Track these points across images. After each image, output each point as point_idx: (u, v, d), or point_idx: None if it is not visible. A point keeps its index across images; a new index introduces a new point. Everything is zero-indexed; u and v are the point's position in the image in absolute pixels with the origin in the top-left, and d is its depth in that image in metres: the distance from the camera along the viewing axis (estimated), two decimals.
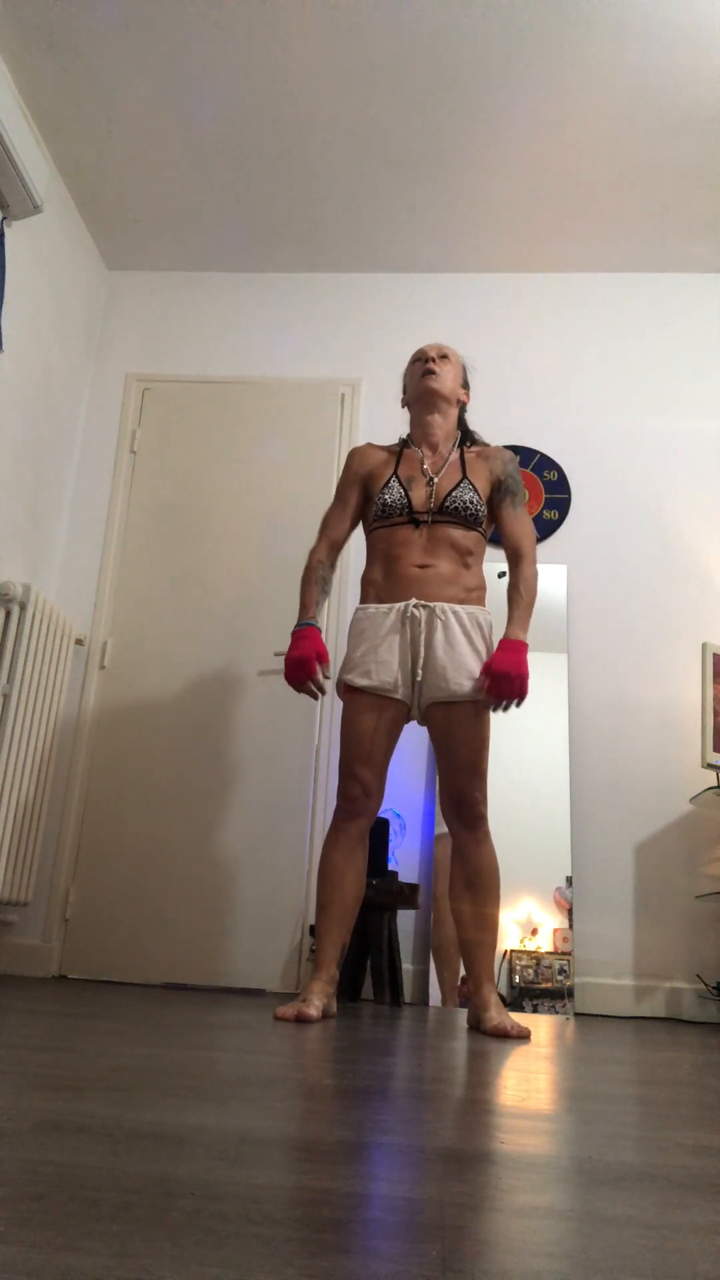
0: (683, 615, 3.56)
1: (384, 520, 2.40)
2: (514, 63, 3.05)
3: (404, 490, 2.38)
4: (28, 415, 3.47)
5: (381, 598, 2.36)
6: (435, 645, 2.26)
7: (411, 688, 2.28)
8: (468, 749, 2.24)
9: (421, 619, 2.27)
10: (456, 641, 2.26)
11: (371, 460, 2.53)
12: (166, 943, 3.23)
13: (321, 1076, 1.24)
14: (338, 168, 3.54)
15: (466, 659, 2.25)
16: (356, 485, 2.52)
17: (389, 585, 2.35)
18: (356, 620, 2.37)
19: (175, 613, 3.61)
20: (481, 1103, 1.12)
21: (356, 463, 2.54)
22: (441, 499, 2.36)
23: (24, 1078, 1.06)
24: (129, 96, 3.28)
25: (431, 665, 2.26)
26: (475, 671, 2.25)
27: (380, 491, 2.41)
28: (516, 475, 2.49)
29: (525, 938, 3.18)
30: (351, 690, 2.30)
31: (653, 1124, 1.05)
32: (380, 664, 2.27)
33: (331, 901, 2.22)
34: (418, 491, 2.39)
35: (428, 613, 2.28)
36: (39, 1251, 0.49)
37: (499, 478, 2.46)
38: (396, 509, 2.37)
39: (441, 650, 2.25)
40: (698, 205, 3.60)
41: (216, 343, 4.03)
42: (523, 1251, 0.55)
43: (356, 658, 2.31)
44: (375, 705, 2.27)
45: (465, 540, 2.36)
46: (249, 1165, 0.71)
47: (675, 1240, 0.59)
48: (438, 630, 2.27)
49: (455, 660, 2.25)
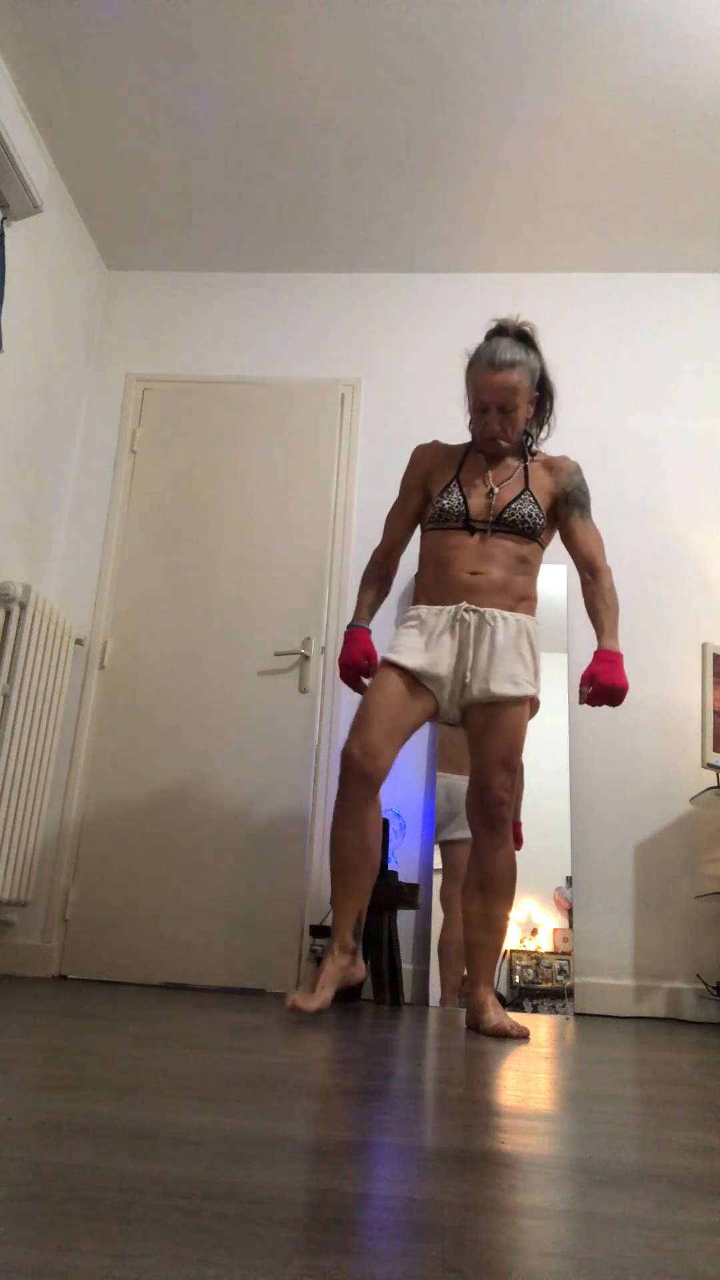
0: (683, 615, 3.56)
1: (439, 523, 2.37)
2: (514, 62, 3.05)
3: (463, 497, 2.35)
4: (28, 415, 3.47)
5: (434, 600, 2.34)
6: (482, 650, 2.27)
7: (449, 689, 2.28)
8: (502, 745, 2.24)
9: (471, 623, 2.27)
10: (504, 647, 2.26)
11: (434, 460, 2.48)
12: (166, 943, 3.23)
13: (322, 1076, 1.24)
14: (338, 168, 3.54)
15: (511, 664, 2.26)
16: (418, 485, 2.49)
17: (440, 589, 2.34)
18: (409, 618, 2.36)
19: (175, 613, 3.61)
20: (481, 1103, 1.12)
21: (419, 461, 2.50)
22: (500, 510, 2.33)
23: (24, 1078, 1.06)
24: (129, 96, 3.28)
25: (477, 669, 2.26)
26: (518, 675, 2.26)
27: (440, 495, 2.38)
28: (584, 486, 2.44)
29: (525, 938, 3.18)
30: (389, 666, 2.26)
31: (653, 1124, 1.05)
32: (431, 656, 2.26)
33: (339, 870, 2.19)
34: (477, 500, 2.35)
35: (478, 618, 2.28)
36: (39, 1251, 0.49)
37: (565, 489, 2.42)
38: (454, 515, 2.34)
39: (487, 654, 2.26)
40: (698, 205, 3.60)
41: (216, 343, 4.03)
42: (523, 1251, 0.55)
43: (405, 643, 2.29)
44: (408, 684, 2.25)
45: (521, 550, 2.34)
46: (249, 1165, 0.71)
47: (675, 1240, 0.59)
48: (486, 635, 2.27)
49: (500, 664, 2.25)
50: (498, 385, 2.30)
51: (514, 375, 2.30)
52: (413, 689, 2.25)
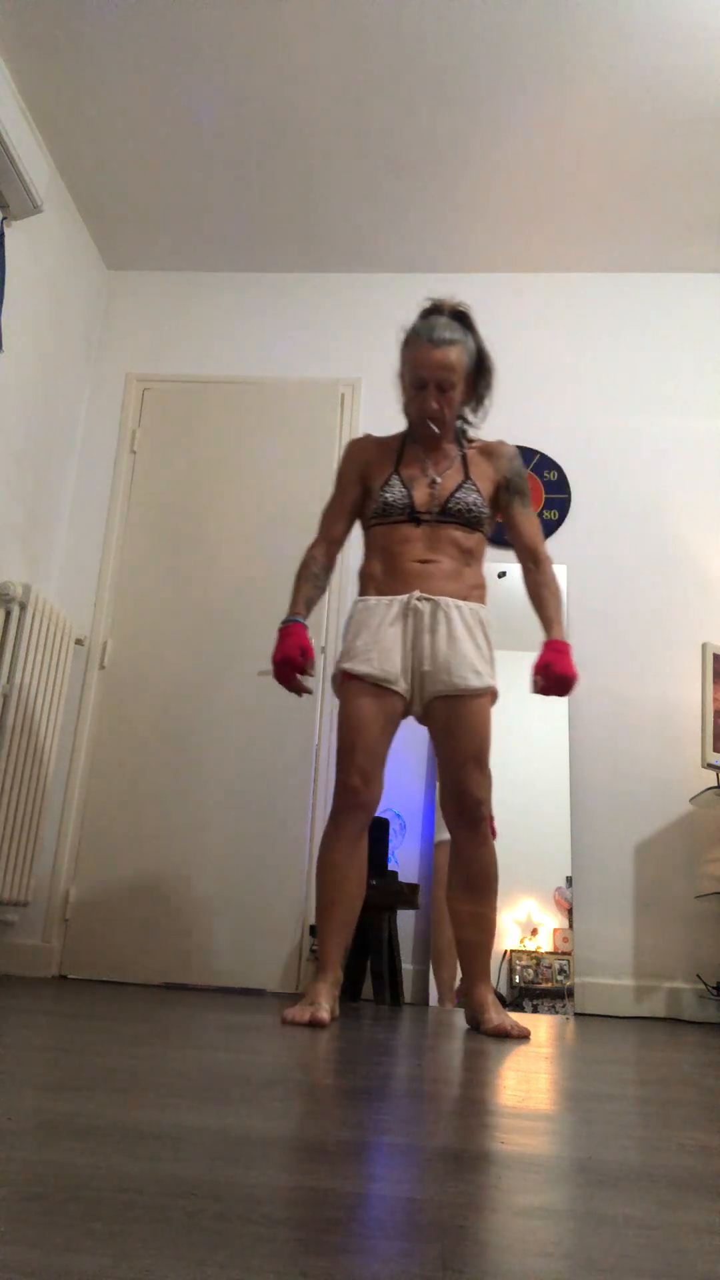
0: (682, 615, 3.56)
1: (384, 518, 2.34)
2: (514, 63, 3.05)
3: (406, 489, 2.32)
4: (28, 415, 3.47)
5: (383, 590, 2.30)
6: (439, 639, 2.22)
7: (411, 682, 2.24)
8: (471, 742, 2.20)
9: (425, 612, 2.23)
10: (460, 636, 2.22)
11: (370, 453, 2.45)
12: (166, 943, 3.23)
13: (322, 1077, 1.24)
14: (337, 168, 3.54)
15: (470, 653, 2.22)
16: (355, 479, 2.45)
17: (390, 579, 2.30)
18: (356, 611, 2.32)
19: (175, 613, 3.61)
20: (481, 1103, 1.12)
21: (355, 456, 2.47)
22: (444, 500, 2.31)
23: (24, 1078, 1.06)
24: (129, 96, 3.28)
25: (434, 659, 2.21)
26: (479, 665, 2.22)
27: (381, 489, 2.35)
28: (523, 473, 2.43)
29: (525, 938, 3.18)
30: (351, 678, 2.23)
31: (653, 1124, 1.05)
32: (383, 654, 2.22)
33: (334, 901, 2.16)
34: (420, 491, 2.33)
35: (431, 606, 2.24)
36: (39, 1251, 0.49)
37: (505, 476, 2.40)
38: (398, 508, 2.31)
39: (445, 644, 2.21)
40: (698, 205, 3.60)
41: (216, 343, 4.03)
42: (523, 1251, 0.55)
43: (358, 647, 2.25)
44: (375, 694, 2.22)
45: (467, 541, 2.32)
46: (249, 1165, 0.71)
47: (675, 1240, 0.59)
48: (441, 624, 2.23)
49: (459, 654, 2.21)
50: (438, 362, 2.26)
51: (453, 352, 2.27)
52: (381, 696, 2.22)
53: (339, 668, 2.28)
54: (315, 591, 2.41)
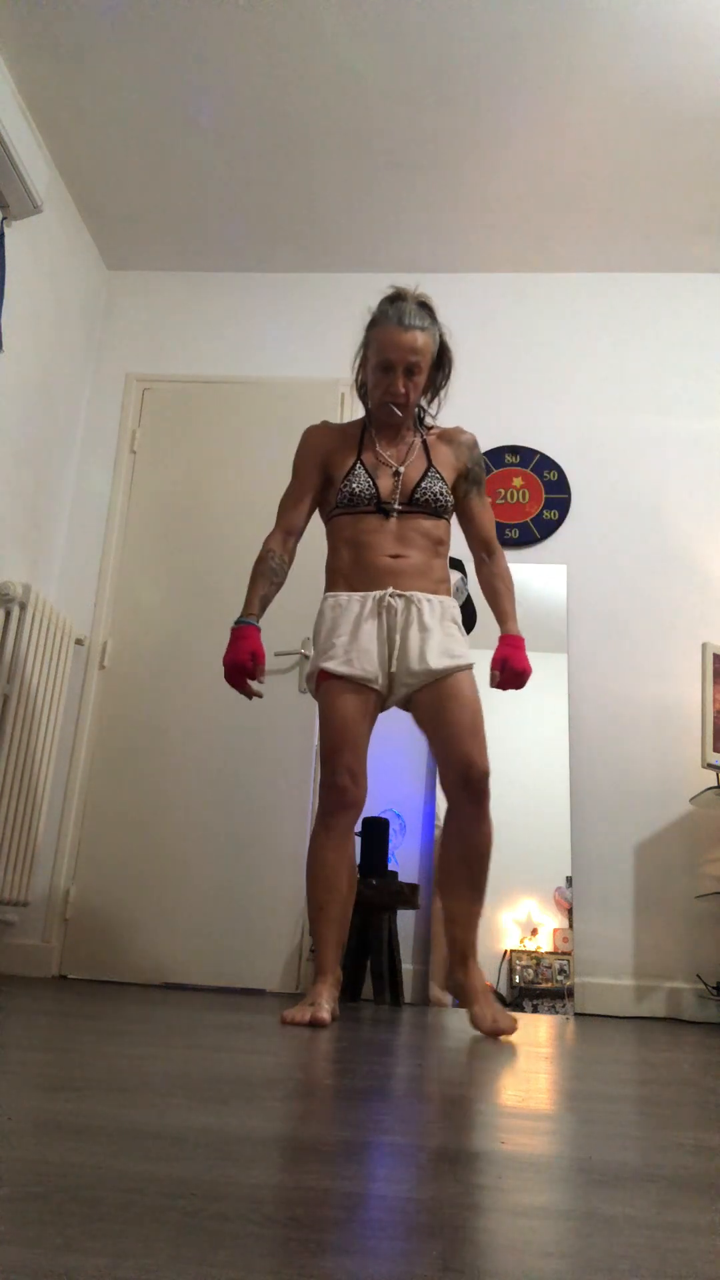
0: (683, 615, 3.56)
1: (349, 509, 2.30)
2: (513, 62, 3.05)
3: (371, 479, 2.29)
4: (28, 415, 3.47)
5: (353, 586, 2.27)
6: (411, 635, 2.21)
7: (389, 677, 2.22)
8: (465, 713, 2.17)
9: (399, 608, 2.22)
10: (432, 627, 2.21)
11: (330, 441, 2.40)
12: (166, 943, 3.23)
13: (322, 1077, 1.24)
14: (337, 168, 3.54)
15: (441, 641, 2.21)
16: (315, 468, 2.40)
17: (359, 574, 2.27)
18: (328, 608, 2.29)
19: (175, 613, 3.61)
20: (481, 1103, 1.12)
21: (314, 444, 2.41)
22: (410, 490, 2.27)
23: (24, 1078, 1.06)
24: (129, 96, 3.28)
25: (409, 654, 2.20)
26: (454, 649, 2.21)
27: (345, 480, 2.31)
28: (482, 462, 2.41)
29: (525, 938, 3.18)
30: (329, 677, 2.21)
31: (653, 1124, 1.05)
32: (361, 652, 2.20)
33: (329, 901, 2.14)
34: (384, 480, 2.29)
35: (404, 602, 2.22)
36: (39, 1251, 0.49)
37: (466, 465, 2.37)
38: (364, 498, 2.28)
39: (417, 638, 2.20)
40: (698, 205, 3.60)
41: (216, 343, 4.03)
42: (523, 1251, 0.55)
43: (336, 645, 2.22)
44: (356, 691, 2.20)
45: (436, 530, 2.30)
46: (249, 1165, 0.71)
47: (675, 1240, 0.59)
48: (414, 619, 2.22)
49: (434, 643, 2.20)
50: (407, 344, 2.25)
51: (422, 337, 2.27)
52: (359, 692, 2.20)
53: (316, 666, 2.25)
54: (271, 589, 2.39)
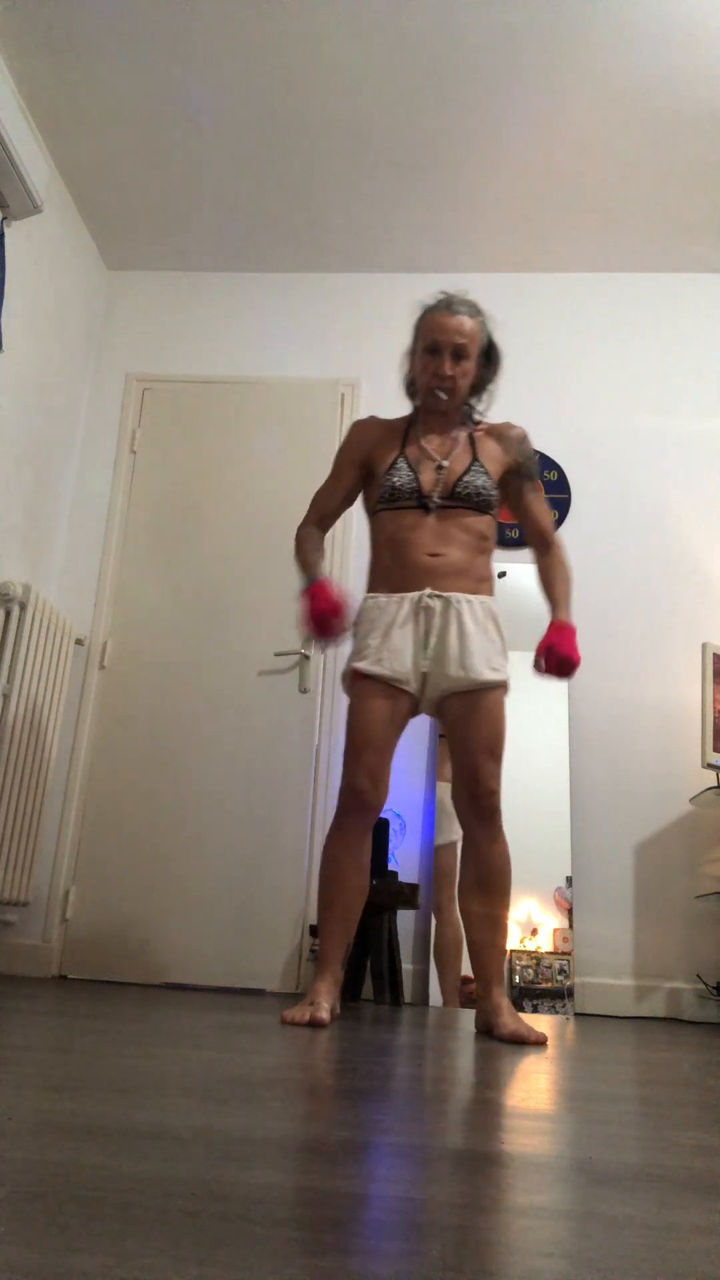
0: (683, 615, 3.56)
1: (390, 504, 2.28)
2: (513, 62, 3.05)
3: (413, 473, 2.26)
4: (28, 415, 3.47)
5: (393, 586, 2.25)
6: (450, 636, 2.18)
7: (422, 680, 2.20)
8: (486, 732, 2.17)
9: (436, 609, 2.19)
10: (472, 631, 2.18)
11: (375, 436, 2.38)
12: (166, 943, 3.23)
13: (322, 1077, 1.24)
14: (337, 167, 3.54)
15: (484, 647, 2.18)
16: (357, 462, 2.38)
17: (399, 574, 2.24)
18: (366, 609, 2.26)
19: (175, 613, 3.61)
20: (482, 1103, 1.12)
21: (359, 438, 2.39)
22: (452, 484, 2.24)
23: (24, 1078, 1.06)
24: (129, 96, 3.28)
25: (447, 656, 2.18)
26: (493, 660, 2.19)
27: (387, 474, 2.28)
28: (533, 455, 2.38)
29: (525, 938, 3.18)
30: (362, 678, 2.20)
31: (653, 1124, 1.05)
32: (394, 653, 2.18)
33: (335, 900, 2.14)
34: (427, 475, 2.26)
35: (443, 603, 2.20)
36: (39, 1251, 0.49)
37: (515, 460, 2.34)
38: (406, 493, 2.25)
39: (456, 641, 2.17)
40: (698, 205, 3.60)
41: (216, 343, 4.03)
42: (523, 1251, 0.55)
43: (370, 646, 2.20)
44: (387, 693, 2.18)
45: (478, 525, 2.26)
46: (249, 1165, 0.71)
47: (675, 1240, 0.59)
48: (453, 621, 2.19)
49: (473, 649, 2.17)
50: (454, 327, 2.25)
51: (469, 322, 2.27)
52: (391, 695, 2.18)
53: (350, 666, 2.24)
54: (318, 554, 2.36)
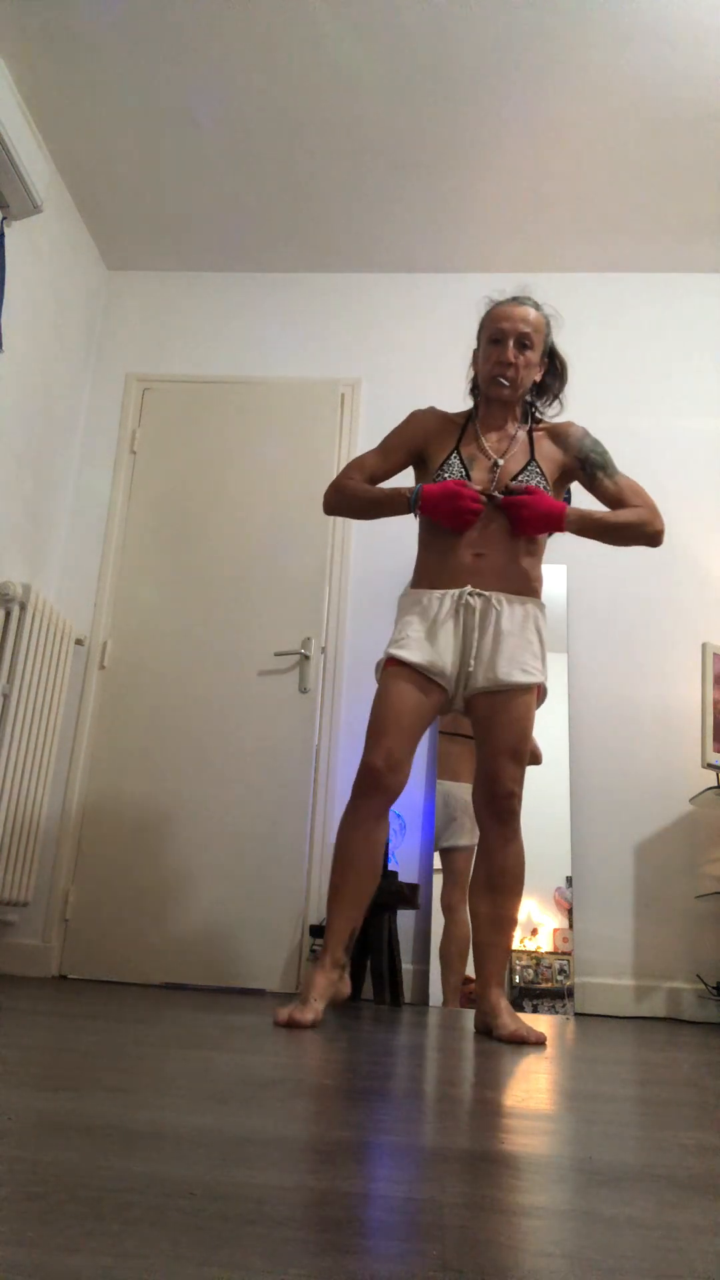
0: (683, 615, 3.56)
1: None
2: (513, 62, 3.05)
3: (465, 470, 2.24)
4: (28, 415, 3.47)
5: (435, 583, 2.23)
6: (486, 636, 2.17)
7: (457, 678, 2.19)
8: (510, 735, 2.15)
9: (476, 608, 2.17)
10: (509, 632, 2.17)
11: (433, 428, 2.34)
12: (166, 943, 3.23)
13: (321, 1077, 1.24)
14: (337, 168, 3.54)
15: (517, 650, 2.17)
16: (407, 448, 2.35)
17: (443, 572, 2.22)
18: (409, 603, 2.25)
19: (175, 613, 3.61)
20: (481, 1103, 1.12)
21: (416, 427, 2.36)
22: (505, 483, 2.22)
23: (24, 1078, 1.06)
24: (129, 96, 3.28)
25: (480, 656, 2.16)
26: (526, 662, 2.17)
27: (439, 470, 2.25)
28: (598, 445, 2.33)
29: (525, 938, 3.18)
30: (395, 663, 2.18)
31: (653, 1124, 1.05)
32: (435, 647, 2.17)
33: (344, 882, 2.10)
34: (480, 473, 2.24)
35: (483, 601, 2.18)
36: (39, 1251, 0.49)
37: (579, 456, 2.32)
38: None
39: (491, 641, 2.16)
40: (698, 205, 3.60)
41: (216, 343, 4.03)
42: (523, 1251, 0.55)
43: (410, 636, 2.18)
44: (418, 682, 2.16)
45: None
46: (249, 1165, 0.71)
47: (675, 1240, 0.59)
48: (490, 621, 2.17)
49: (507, 650, 2.16)
50: (519, 315, 2.26)
51: (534, 313, 2.29)
52: (423, 685, 2.16)
53: (387, 652, 2.21)
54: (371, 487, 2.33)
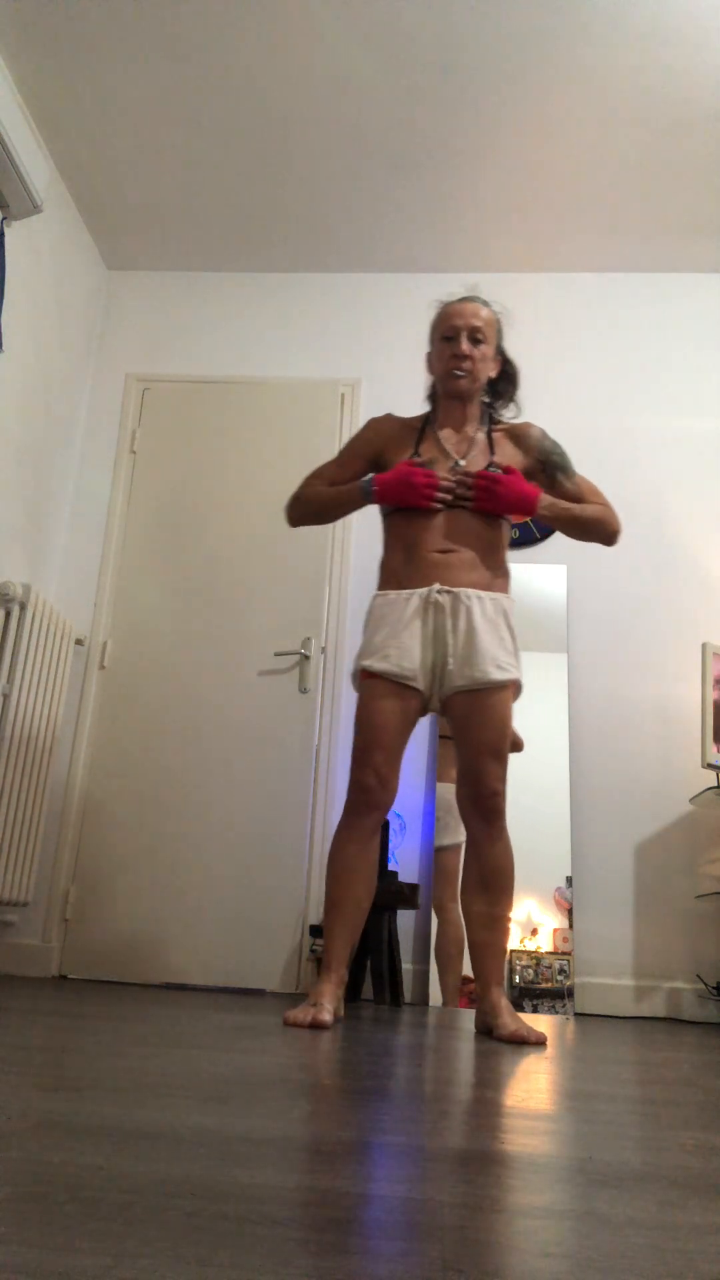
0: (683, 615, 3.56)
1: None
2: (513, 62, 3.05)
3: None
4: (28, 415, 3.47)
5: (402, 584, 2.24)
6: (458, 633, 2.17)
7: (431, 677, 2.20)
8: (490, 733, 2.16)
9: (445, 605, 2.18)
10: (480, 628, 2.17)
11: (390, 433, 2.37)
12: (166, 943, 3.23)
13: (322, 1077, 1.24)
14: (337, 168, 3.54)
15: (490, 646, 2.17)
16: (365, 455, 2.37)
17: (410, 571, 2.24)
18: (376, 607, 2.26)
19: (175, 612, 3.61)
20: (481, 1103, 1.12)
21: (373, 433, 2.38)
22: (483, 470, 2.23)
23: (24, 1078, 1.06)
24: (129, 96, 3.28)
25: (454, 653, 2.17)
26: (500, 658, 2.17)
27: None
28: (558, 446, 2.35)
29: (525, 938, 3.18)
30: (370, 676, 2.19)
31: (653, 1124, 1.05)
32: (403, 650, 2.17)
33: (343, 900, 2.12)
34: (441, 473, 2.26)
35: (451, 598, 2.19)
36: (39, 1251, 0.49)
37: (539, 457, 2.34)
38: None
39: (464, 638, 2.17)
40: (698, 205, 3.60)
41: (216, 343, 4.03)
42: (523, 1251, 0.55)
43: (377, 643, 2.20)
44: (395, 692, 2.17)
45: (488, 528, 2.26)
46: (249, 1165, 0.71)
47: (675, 1240, 0.59)
48: (461, 617, 2.18)
49: (479, 647, 2.16)
50: (470, 311, 2.30)
51: (485, 310, 2.32)
52: (399, 693, 2.17)
53: (358, 664, 2.23)
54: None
